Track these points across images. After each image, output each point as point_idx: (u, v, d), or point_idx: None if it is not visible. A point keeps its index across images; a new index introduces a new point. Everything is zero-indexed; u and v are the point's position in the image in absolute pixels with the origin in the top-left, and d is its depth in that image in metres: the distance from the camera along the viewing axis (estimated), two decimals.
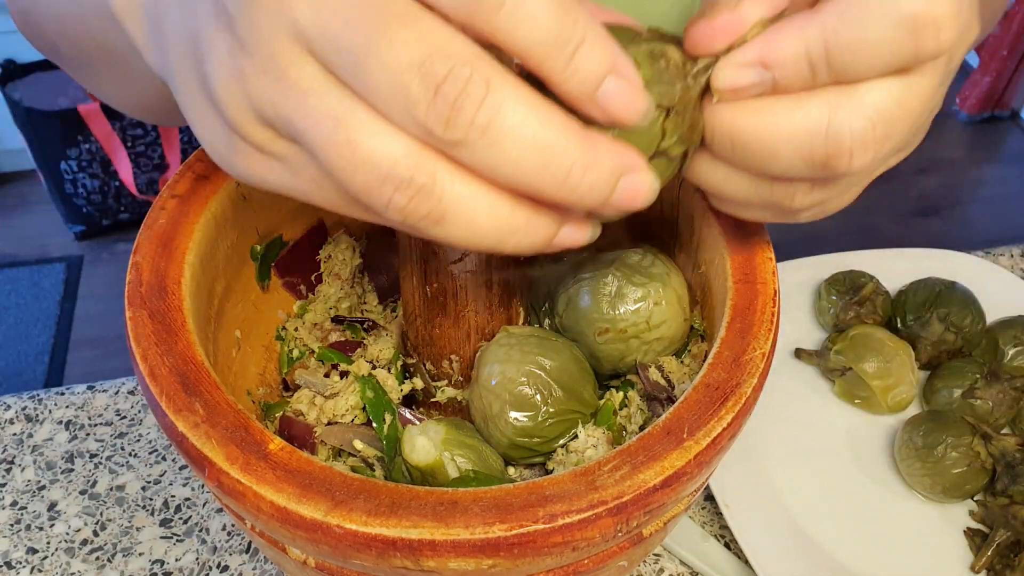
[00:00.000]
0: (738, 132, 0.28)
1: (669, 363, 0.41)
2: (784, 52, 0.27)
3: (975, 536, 0.57)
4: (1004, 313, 0.67)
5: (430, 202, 0.24)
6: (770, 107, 0.28)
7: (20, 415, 0.63)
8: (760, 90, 0.28)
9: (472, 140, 0.23)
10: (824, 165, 0.28)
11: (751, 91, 0.28)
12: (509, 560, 0.28)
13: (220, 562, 0.55)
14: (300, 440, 0.40)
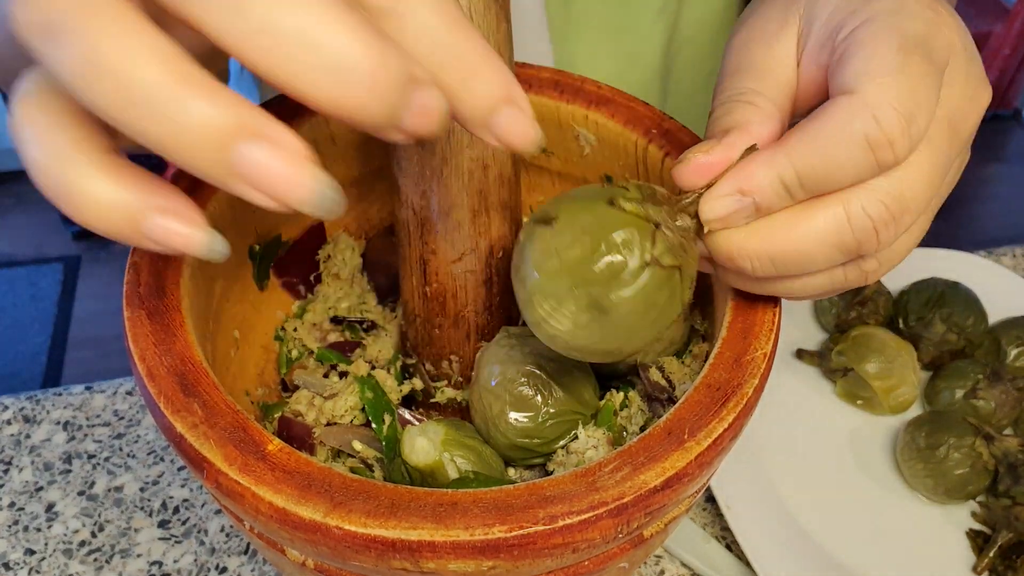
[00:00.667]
0: (775, 252, 0.30)
1: (670, 363, 0.41)
2: (758, 181, 0.29)
3: (977, 537, 0.57)
4: (1007, 313, 0.67)
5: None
6: (792, 219, 0.30)
7: (18, 416, 0.63)
8: (746, 215, 0.30)
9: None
10: (858, 251, 0.30)
11: (737, 218, 0.30)
12: (509, 561, 0.28)
13: (219, 563, 0.55)
14: (299, 441, 0.40)
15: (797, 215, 0.30)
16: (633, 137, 0.41)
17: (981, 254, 0.76)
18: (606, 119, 0.42)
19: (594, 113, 0.42)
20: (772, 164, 0.29)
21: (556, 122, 0.43)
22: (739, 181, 0.29)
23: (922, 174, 0.29)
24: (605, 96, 0.42)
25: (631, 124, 0.41)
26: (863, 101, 0.28)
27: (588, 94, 0.42)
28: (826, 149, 0.28)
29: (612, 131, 0.42)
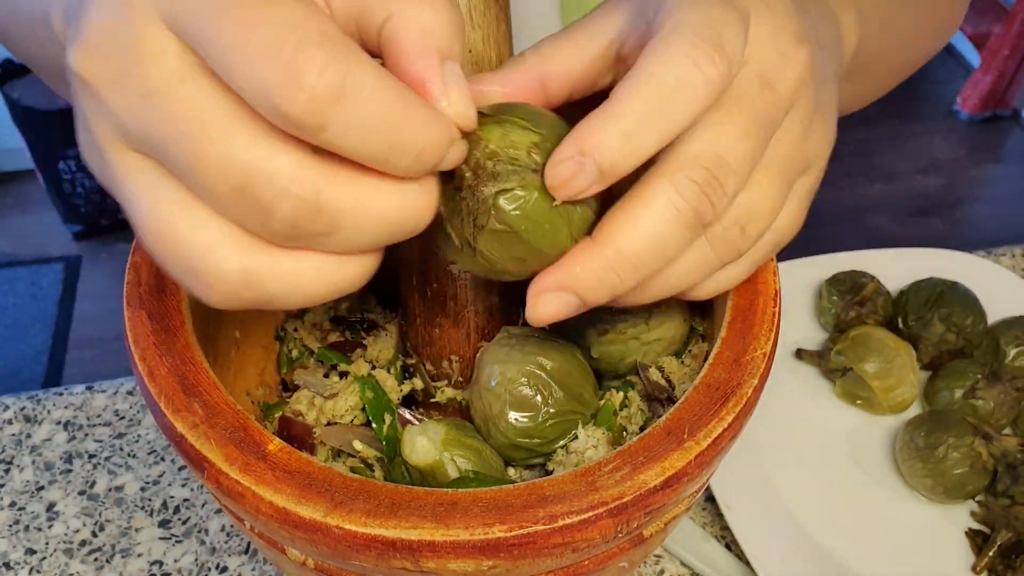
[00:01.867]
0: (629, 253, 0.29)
1: (669, 363, 0.41)
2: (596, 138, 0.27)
3: (976, 537, 0.57)
4: (1005, 313, 0.67)
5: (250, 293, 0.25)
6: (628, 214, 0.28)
7: (19, 415, 0.63)
8: (589, 178, 0.28)
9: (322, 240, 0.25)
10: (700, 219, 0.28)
11: (580, 181, 0.28)
12: (509, 561, 0.28)
13: (219, 563, 0.55)
14: (299, 440, 0.40)
15: (630, 210, 0.28)
16: None
17: (980, 254, 0.76)
18: None
19: None
20: (605, 119, 0.27)
21: None
22: (577, 142, 0.27)
23: (736, 128, 0.28)
24: None
25: None
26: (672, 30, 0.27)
27: None
28: (651, 89, 0.27)
29: None
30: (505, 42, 0.36)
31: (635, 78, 0.27)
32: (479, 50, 0.35)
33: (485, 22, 0.34)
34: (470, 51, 0.35)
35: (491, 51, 0.35)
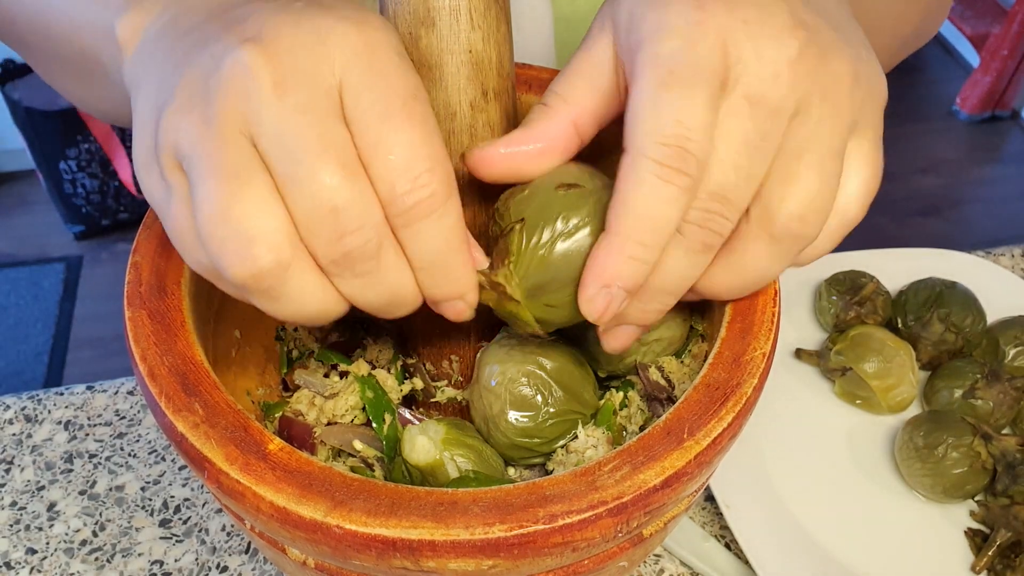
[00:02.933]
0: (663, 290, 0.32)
1: (669, 363, 0.41)
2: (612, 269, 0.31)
3: (976, 536, 0.57)
4: (1005, 313, 0.67)
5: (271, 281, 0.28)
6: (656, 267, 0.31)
7: (19, 415, 0.63)
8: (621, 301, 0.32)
9: (348, 277, 0.30)
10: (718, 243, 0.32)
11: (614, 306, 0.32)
12: (509, 561, 0.28)
13: (219, 563, 0.55)
14: (300, 440, 0.40)
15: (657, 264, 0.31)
16: None
17: (979, 254, 0.76)
18: None
19: None
20: (612, 248, 0.30)
21: None
22: (597, 277, 0.31)
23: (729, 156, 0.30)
24: None
25: None
26: (639, 152, 0.29)
27: None
28: (637, 208, 0.30)
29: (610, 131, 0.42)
30: (505, 42, 0.36)
31: (618, 207, 0.30)
32: (479, 50, 0.35)
33: (485, 23, 0.35)
34: (470, 51, 0.35)
35: (491, 51, 0.35)
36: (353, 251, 0.29)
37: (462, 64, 0.35)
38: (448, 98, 0.35)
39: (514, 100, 0.38)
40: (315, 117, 0.28)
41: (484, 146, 0.34)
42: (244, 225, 0.27)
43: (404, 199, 0.28)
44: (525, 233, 0.33)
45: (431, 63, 0.34)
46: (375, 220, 0.29)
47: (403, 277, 0.30)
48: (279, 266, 0.28)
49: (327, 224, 0.28)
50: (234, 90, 0.28)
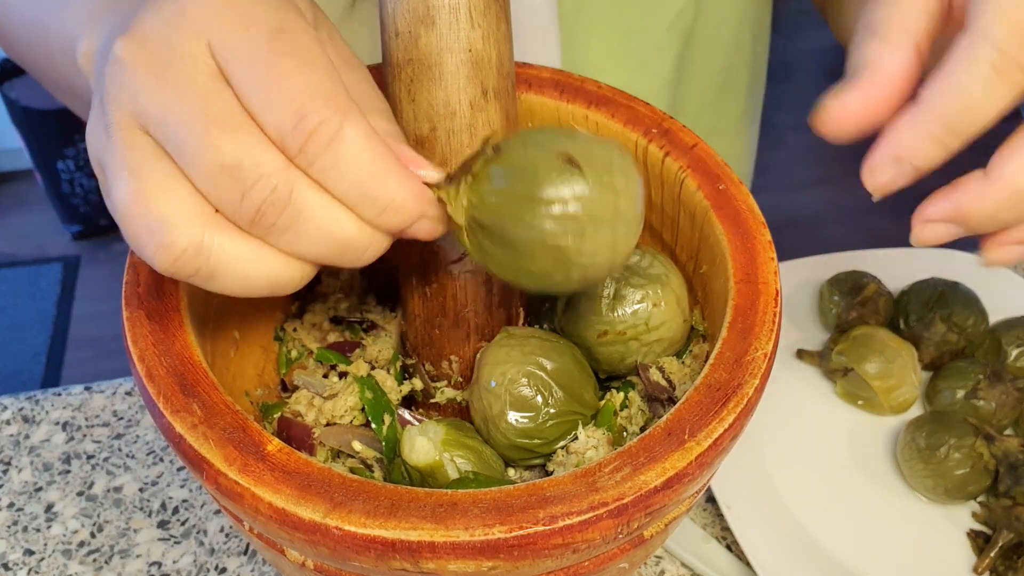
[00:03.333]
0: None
1: (670, 364, 0.41)
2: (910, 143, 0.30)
3: (978, 538, 0.57)
4: (1007, 313, 0.67)
5: (196, 261, 0.28)
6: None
7: (17, 416, 0.63)
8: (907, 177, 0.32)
9: (276, 233, 0.29)
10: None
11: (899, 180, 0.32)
12: (509, 562, 0.28)
13: (218, 564, 0.55)
14: (299, 441, 0.40)
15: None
16: (633, 137, 0.41)
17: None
18: (606, 119, 0.42)
19: (594, 113, 0.42)
20: (918, 124, 0.30)
21: (556, 122, 0.43)
22: (893, 147, 0.30)
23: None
24: (605, 96, 0.42)
25: (631, 124, 0.41)
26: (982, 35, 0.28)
27: (588, 94, 0.42)
28: (962, 94, 0.29)
29: (612, 131, 0.42)
30: (505, 41, 0.36)
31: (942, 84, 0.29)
32: (479, 49, 0.35)
33: (485, 21, 0.34)
34: (470, 50, 0.34)
35: (491, 50, 0.35)
36: (262, 204, 0.28)
37: (462, 63, 0.35)
38: (448, 97, 0.35)
39: (514, 99, 0.38)
40: (193, 89, 0.28)
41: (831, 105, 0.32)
42: (151, 214, 0.28)
43: (295, 136, 0.27)
44: (494, 167, 0.31)
45: (430, 62, 0.34)
46: (273, 167, 0.28)
47: (335, 217, 0.29)
48: (194, 244, 0.28)
49: (227, 186, 0.28)
50: (116, 89, 0.29)
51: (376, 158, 0.28)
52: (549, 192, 0.29)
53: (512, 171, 0.30)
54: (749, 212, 0.38)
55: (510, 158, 0.30)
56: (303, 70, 0.28)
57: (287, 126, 0.27)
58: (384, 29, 0.35)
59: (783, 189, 2.18)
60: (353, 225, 0.29)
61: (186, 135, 0.28)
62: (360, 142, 0.28)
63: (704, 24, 0.62)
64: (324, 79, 0.28)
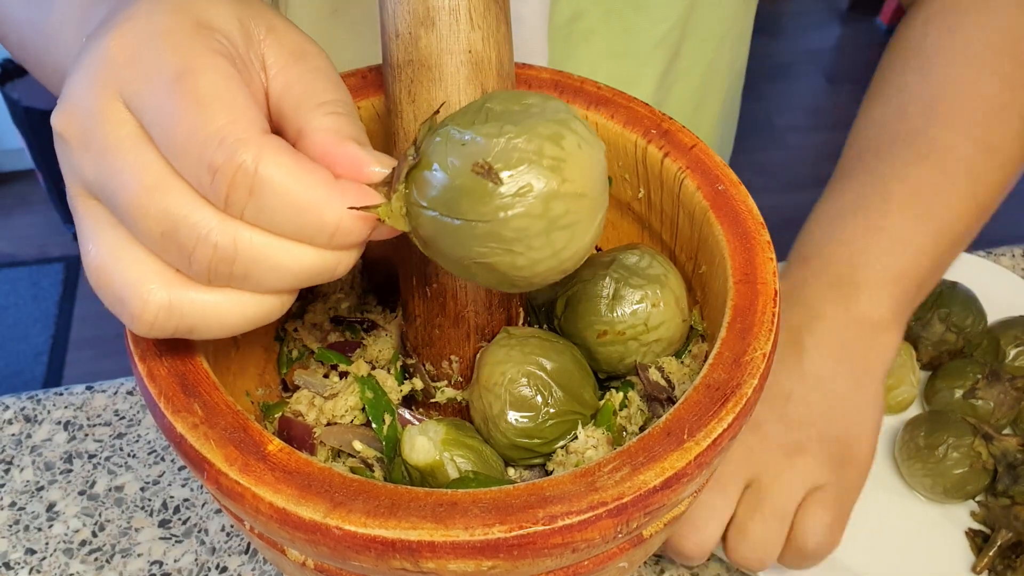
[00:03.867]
0: None
1: (669, 364, 0.41)
2: None
3: (976, 537, 0.57)
4: (1005, 313, 0.67)
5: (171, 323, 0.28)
6: None
7: (19, 415, 0.63)
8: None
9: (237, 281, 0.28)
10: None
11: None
12: (508, 561, 0.28)
13: (219, 563, 0.55)
14: (299, 441, 0.40)
15: None
16: (633, 138, 0.41)
17: (980, 254, 0.76)
18: (606, 120, 0.42)
19: (594, 113, 0.42)
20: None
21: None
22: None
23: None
24: (605, 97, 0.42)
25: (631, 125, 0.41)
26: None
27: (588, 94, 0.42)
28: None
29: (612, 132, 0.42)
30: (505, 42, 0.36)
31: None
32: (479, 50, 0.35)
33: (485, 23, 0.34)
34: (470, 51, 0.35)
35: (491, 51, 0.35)
36: (210, 262, 0.27)
37: (461, 64, 0.35)
38: (447, 98, 0.35)
39: None
40: (116, 156, 0.27)
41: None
42: (115, 285, 0.28)
43: (214, 189, 0.27)
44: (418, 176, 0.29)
45: (430, 63, 0.34)
46: (209, 223, 0.27)
47: (289, 252, 0.28)
48: (163, 308, 0.28)
49: (172, 250, 0.27)
50: (63, 162, 0.29)
51: (305, 189, 0.27)
52: (468, 212, 0.28)
53: (431, 185, 0.28)
54: (748, 212, 0.38)
55: (429, 165, 0.28)
56: (207, 115, 0.27)
57: (204, 180, 0.27)
58: (384, 30, 0.36)
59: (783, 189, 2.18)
60: (310, 253, 0.28)
61: (122, 204, 0.27)
62: (281, 179, 0.27)
63: (689, 43, 0.63)
64: (231, 119, 0.27)
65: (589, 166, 0.28)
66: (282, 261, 0.28)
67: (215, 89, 0.27)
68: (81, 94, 0.28)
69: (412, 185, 0.29)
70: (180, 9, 0.29)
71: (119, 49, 0.28)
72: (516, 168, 0.27)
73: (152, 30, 0.28)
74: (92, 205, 0.29)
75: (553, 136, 0.28)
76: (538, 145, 0.27)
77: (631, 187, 0.43)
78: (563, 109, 0.29)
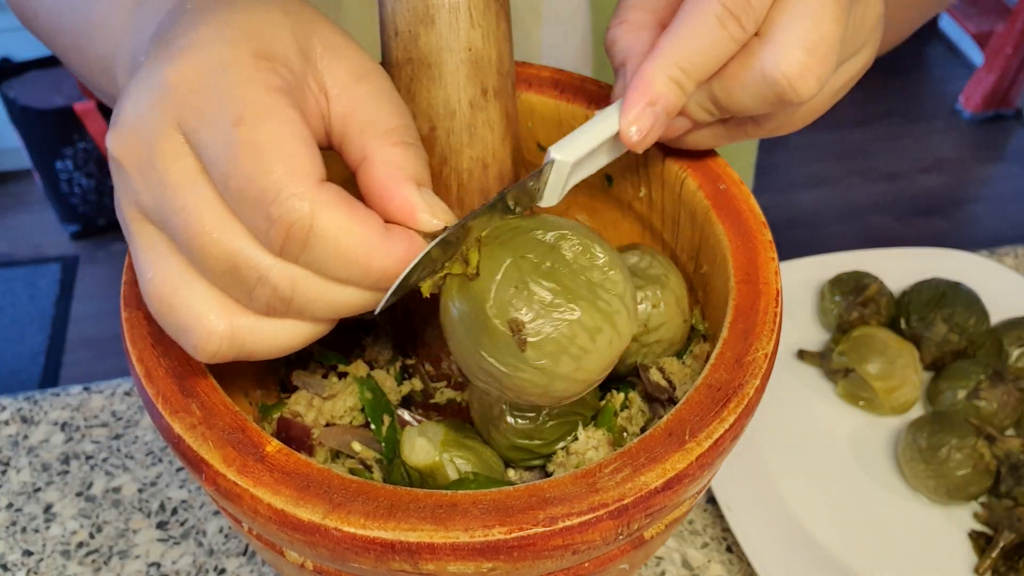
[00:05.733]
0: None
1: (670, 364, 0.40)
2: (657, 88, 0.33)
3: (979, 538, 0.57)
4: (1008, 313, 0.66)
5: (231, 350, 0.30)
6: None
7: (15, 416, 0.63)
8: (662, 122, 0.34)
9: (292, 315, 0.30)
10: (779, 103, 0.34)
11: (657, 128, 0.34)
12: (509, 563, 0.28)
13: (217, 565, 0.55)
14: (298, 442, 0.40)
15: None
16: None
17: (983, 254, 0.76)
18: None
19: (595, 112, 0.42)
20: (659, 68, 0.33)
21: (556, 121, 0.43)
22: (643, 95, 0.33)
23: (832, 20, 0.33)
24: (606, 96, 0.42)
25: None
26: None
27: (589, 93, 0.42)
28: (692, 41, 0.32)
29: None
30: (505, 40, 0.36)
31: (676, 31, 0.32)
32: (479, 48, 0.34)
33: (485, 20, 0.34)
34: (469, 49, 0.34)
35: (491, 49, 0.35)
36: (269, 300, 0.29)
37: (461, 62, 0.34)
38: (447, 96, 0.35)
39: (514, 98, 0.38)
40: (176, 191, 0.28)
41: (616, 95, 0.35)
42: (178, 316, 0.29)
43: (271, 239, 0.28)
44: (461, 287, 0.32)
45: (430, 61, 0.34)
46: (268, 266, 0.28)
47: (342, 292, 0.30)
48: (225, 339, 0.29)
49: (234, 285, 0.29)
50: (119, 185, 0.29)
51: (356, 244, 0.28)
52: (484, 345, 0.31)
53: (469, 309, 0.31)
54: (750, 212, 0.38)
55: (478, 289, 0.31)
56: (265, 166, 0.27)
57: (261, 229, 0.28)
58: (383, 28, 0.35)
59: (783, 189, 2.18)
60: (359, 293, 0.30)
61: (183, 240, 0.28)
62: (334, 233, 0.28)
63: None
64: (288, 170, 0.27)
65: (608, 359, 0.32)
66: (335, 299, 0.30)
67: (273, 139, 0.27)
68: (139, 120, 0.28)
69: (453, 282, 0.32)
70: (240, 39, 0.29)
71: (180, 80, 0.28)
72: (543, 346, 0.30)
73: (213, 64, 0.28)
74: (150, 230, 0.29)
75: (593, 329, 0.31)
76: (574, 333, 0.31)
77: (632, 186, 0.43)
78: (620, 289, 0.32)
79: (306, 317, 0.30)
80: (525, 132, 0.44)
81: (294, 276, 0.29)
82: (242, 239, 0.28)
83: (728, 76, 0.34)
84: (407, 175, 0.30)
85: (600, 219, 0.46)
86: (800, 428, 0.62)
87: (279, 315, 0.30)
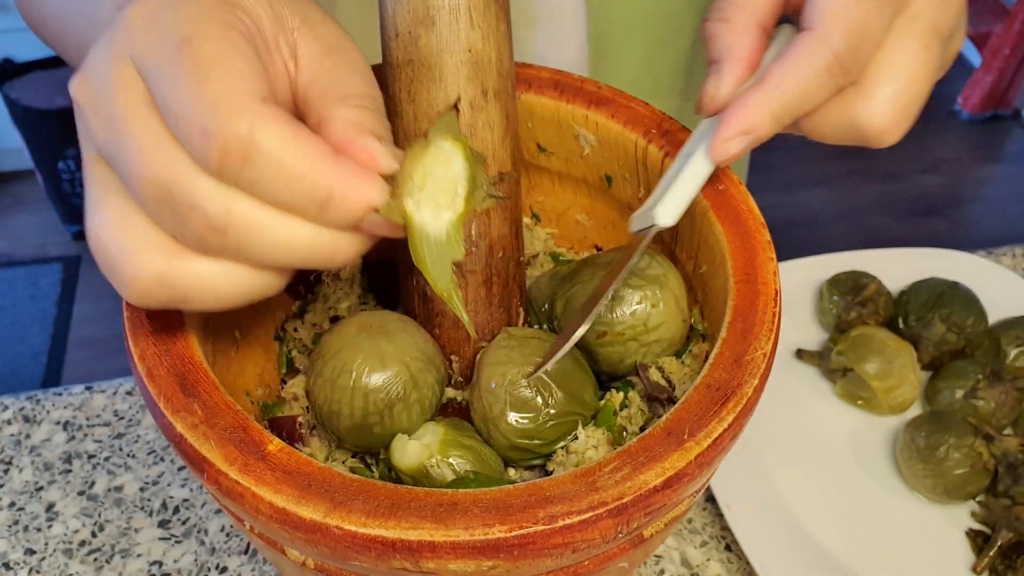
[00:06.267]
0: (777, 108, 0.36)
1: (670, 364, 0.41)
2: (758, 120, 0.35)
3: (977, 537, 0.57)
4: (1006, 313, 0.67)
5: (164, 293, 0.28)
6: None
7: (18, 416, 0.63)
8: (749, 147, 0.36)
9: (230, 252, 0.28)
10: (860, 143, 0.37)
11: (741, 153, 0.36)
12: (509, 561, 0.28)
13: (219, 563, 0.55)
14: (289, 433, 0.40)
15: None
16: (633, 137, 0.41)
17: (981, 254, 0.76)
18: (606, 119, 0.42)
19: (594, 113, 0.42)
20: (763, 104, 0.35)
21: (556, 122, 0.43)
22: (741, 123, 0.35)
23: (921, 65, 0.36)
24: (605, 96, 0.42)
25: (631, 124, 0.41)
26: (823, 39, 0.34)
27: (588, 94, 0.42)
28: (801, 85, 0.34)
29: (612, 131, 0.42)
30: (505, 41, 0.36)
31: (785, 71, 0.35)
32: (479, 49, 0.35)
33: (485, 22, 0.34)
34: (469, 50, 0.35)
35: (491, 50, 0.35)
36: (202, 231, 0.27)
37: (461, 63, 0.35)
38: (447, 97, 0.35)
39: (514, 99, 0.38)
40: (122, 122, 0.27)
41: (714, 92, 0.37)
42: (111, 251, 0.28)
43: (209, 157, 0.26)
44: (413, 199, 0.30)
45: (430, 62, 0.34)
46: (204, 191, 0.27)
47: (284, 225, 0.28)
48: (156, 277, 0.28)
49: (167, 216, 0.27)
50: (79, 128, 0.30)
51: (299, 158, 0.27)
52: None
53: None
54: (748, 212, 0.38)
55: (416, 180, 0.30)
56: (205, 83, 0.26)
57: (198, 147, 0.26)
58: (384, 30, 0.35)
59: (783, 189, 2.18)
60: (306, 229, 0.28)
61: (124, 169, 0.27)
62: (276, 145, 0.27)
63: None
64: (228, 86, 0.27)
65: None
66: (276, 234, 0.28)
67: (217, 57, 0.27)
68: (99, 59, 0.28)
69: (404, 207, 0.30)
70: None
71: (137, 16, 0.28)
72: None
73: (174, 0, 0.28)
74: (102, 170, 0.29)
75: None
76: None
77: (631, 187, 0.43)
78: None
79: (245, 258, 0.28)
80: (525, 133, 0.44)
81: (229, 203, 0.27)
82: (179, 163, 0.27)
83: (819, 114, 0.36)
84: (365, 129, 0.29)
85: (600, 219, 0.47)
86: (799, 427, 0.62)
87: (215, 252, 0.28)
